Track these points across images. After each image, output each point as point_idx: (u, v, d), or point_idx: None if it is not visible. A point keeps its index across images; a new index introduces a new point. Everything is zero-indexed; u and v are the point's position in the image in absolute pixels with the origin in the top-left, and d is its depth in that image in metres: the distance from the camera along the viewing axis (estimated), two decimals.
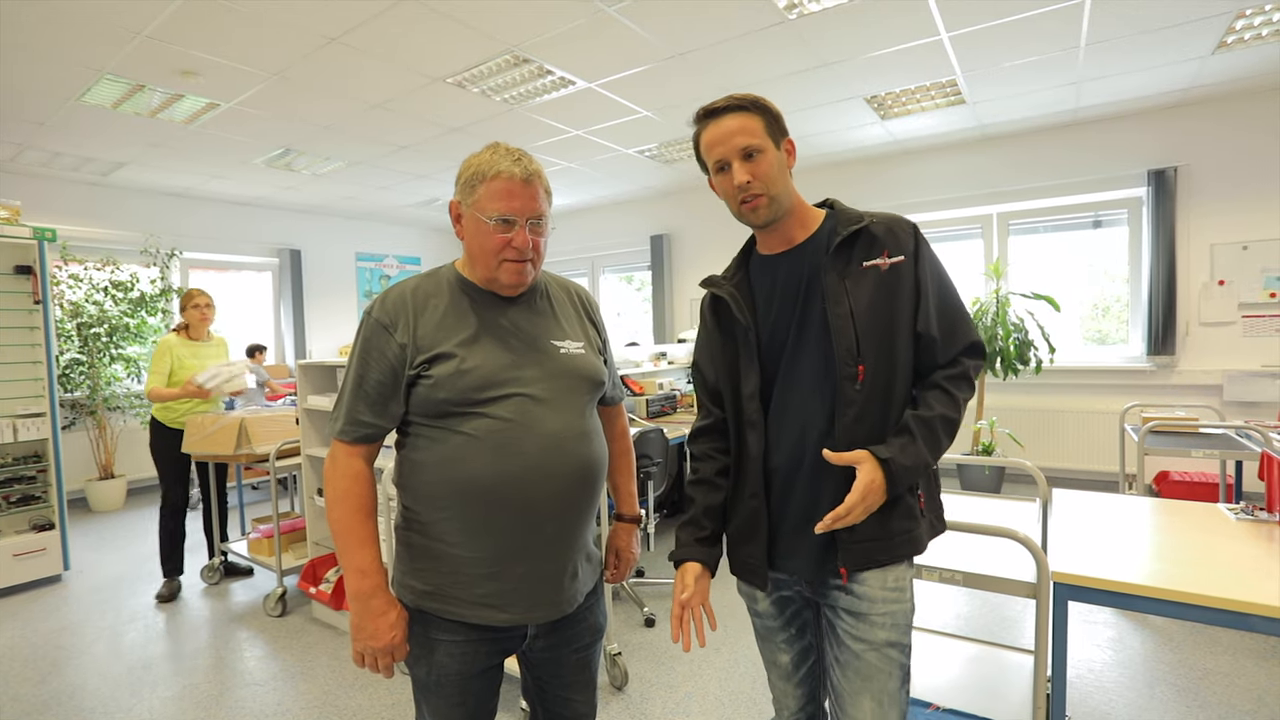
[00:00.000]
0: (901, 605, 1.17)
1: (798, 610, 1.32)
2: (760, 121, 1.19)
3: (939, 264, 1.23)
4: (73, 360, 5.14)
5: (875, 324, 1.16)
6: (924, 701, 1.84)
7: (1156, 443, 3.03)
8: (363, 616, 1.11)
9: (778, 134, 1.20)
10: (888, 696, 1.16)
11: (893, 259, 1.18)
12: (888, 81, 4.10)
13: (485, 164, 1.12)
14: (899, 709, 1.18)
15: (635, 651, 2.73)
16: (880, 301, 1.16)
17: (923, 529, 1.19)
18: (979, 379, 4.88)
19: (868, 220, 1.20)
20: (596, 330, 1.34)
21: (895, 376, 1.17)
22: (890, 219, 1.22)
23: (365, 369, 1.13)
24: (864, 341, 1.16)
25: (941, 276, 1.22)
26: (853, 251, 1.19)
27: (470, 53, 3.49)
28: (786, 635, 1.33)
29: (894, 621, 1.17)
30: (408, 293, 1.16)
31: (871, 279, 1.17)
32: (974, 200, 5.45)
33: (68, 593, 3.60)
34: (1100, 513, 1.83)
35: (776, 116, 1.21)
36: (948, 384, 1.17)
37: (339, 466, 1.14)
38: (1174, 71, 4.03)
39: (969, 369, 1.19)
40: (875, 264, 1.18)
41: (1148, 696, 2.29)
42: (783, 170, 1.21)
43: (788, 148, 1.22)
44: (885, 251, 1.18)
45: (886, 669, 1.16)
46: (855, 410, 1.15)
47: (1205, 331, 4.67)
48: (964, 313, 1.22)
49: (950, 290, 1.22)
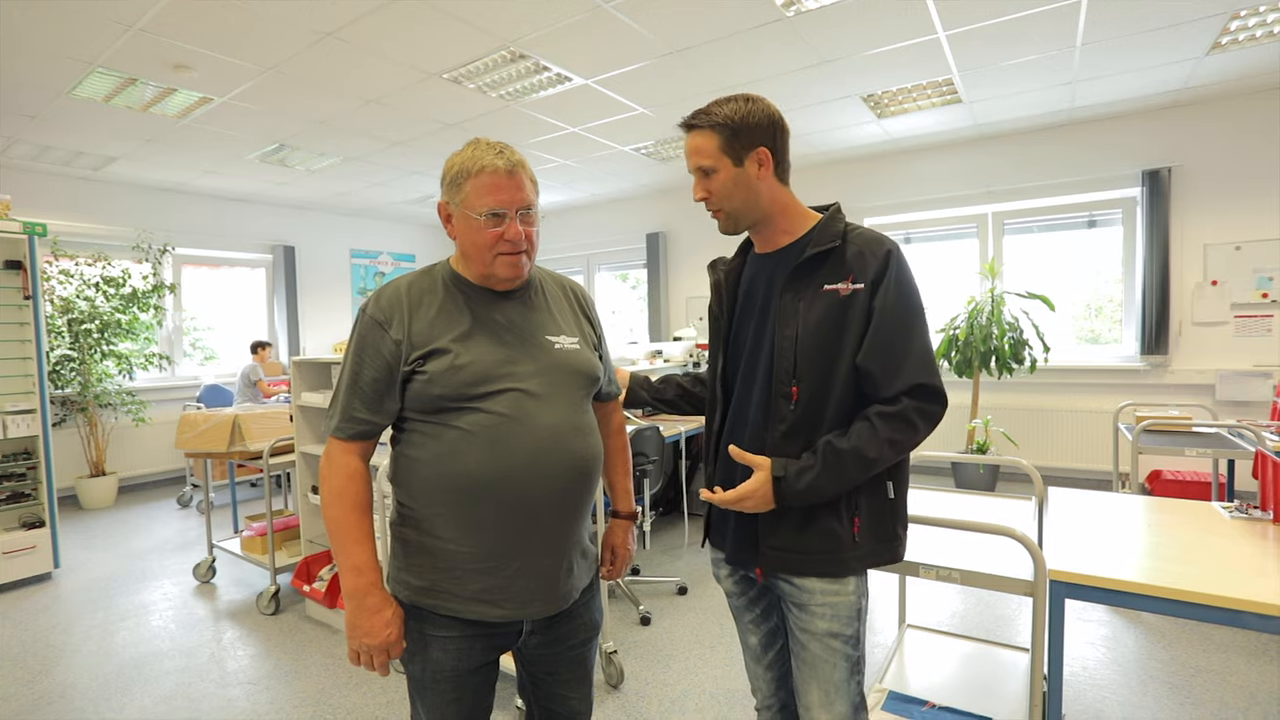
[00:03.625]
0: (842, 598, 1.21)
1: (761, 592, 1.36)
2: (716, 140, 1.21)
3: (906, 297, 1.18)
4: (63, 356, 5.10)
5: (818, 349, 1.18)
6: (920, 699, 1.84)
7: (1150, 441, 3.04)
8: (358, 614, 1.10)
9: (740, 150, 1.21)
10: (833, 686, 1.21)
11: (854, 286, 1.18)
12: (884, 80, 4.10)
13: (468, 160, 1.12)
14: (847, 699, 1.22)
15: (631, 649, 2.72)
16: (828, 327, 1.18)
17: (850, 554, 1.20)
18: (974, 377, 4.89)
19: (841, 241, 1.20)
20: (592, 326, 1.33)
21: (829, 402, 1.19)
22: (868, 241, 1.21)
23: (360, 366, 1.13)
24: (802, 364, 1.19)
25: (900, 309, 1.17)
26: (818, 272, 1.21)
27: (466, 48, 3.47)
28: (753, 615, 1.39)
29: (834, 613, 1.21)
30: (402, 289, 1.16)
31: (825, 302, 1.19)
32: (969, 199, 5.46)
33: (58, 591, 3.57)
34: (1095, 511, 1.83)
35: (741, 130, 1.20)
36: (877, 420, 1.15)
37: (335, 464, 1.14)
38: (1168, 72, 4.05)
39: (908, 410, 1.14)
40: (835, 289, 1.19)
41: (1141, 694, 2.31)
42: (743, 185, 1.23)
43: (760, 158, 1.22)
44: (850, 276, 1.18)
45: (830, 659, 1.21)
46: (786, 427, 1.20)
47: (1198, 331, 4.69)
48: (916, 352, 1.16)
49: (905, 325, 1.17)
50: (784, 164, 1.27)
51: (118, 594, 3.50)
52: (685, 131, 1.26)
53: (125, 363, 5.44)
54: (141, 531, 4.66)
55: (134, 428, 5.73)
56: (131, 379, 5.64)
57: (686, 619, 2.98)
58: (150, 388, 5.98)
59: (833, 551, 1.20)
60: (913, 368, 1.16)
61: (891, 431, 1.14)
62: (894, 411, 1.15)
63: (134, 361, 5.51)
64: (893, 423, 1.15)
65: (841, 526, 1.20)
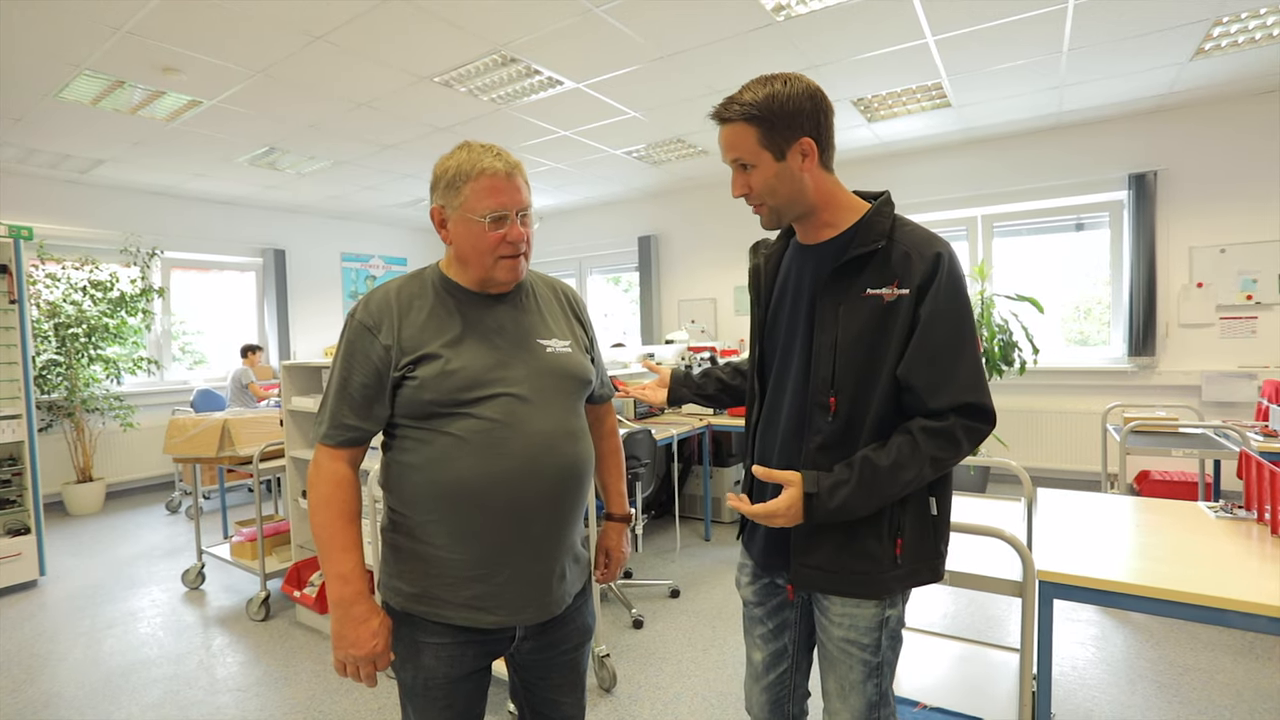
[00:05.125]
0: (861, 611, 1.16)
1: (780, 604, 1.32)
2: (753, 134, 1.12)
3: (955, 305, 1.08)
4: (49, 361, 5.05)
5: (858, 359, 1.11)
6: (911, 700, 1.85)
7: (1138, 442, 3.07)
8: (344, 624, 1.09)
9: (781, 142, 1.11)
10: (848, 684, 1.20)
11: (899, 291, 1.08)
12: (874, 84, 4.12)
13: (466, 163, 1.11)
14: (863, 698, 1.19)
15: (624, 653, 2.72)
16: (870, 336, 1.10)
17: (890, 575, 1.13)
18: None
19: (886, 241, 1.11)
20: (584, 328, 1.33)
21: (868, 416, 1.11)
22: (916, 242, 1.11)
23: (349, 372, 1.12)
24: (842, 375, 1.12)
25: (949, 319, 1.07)
26: (861, 274, 1.11)
27: (457, 52, 3.46)
28: (764, 630, 1.35)
29: (851, 624, 1.17)
30: (391, 294, 1.15)
31: (868, 309, 1.10)
32: (959, 202, 5.51)
33: (44, 599, 3.53)
34: (1084, 512, 1.85)
35: (780, 120, 1.10)
36: (920, 435, 1.07)
37: (323, 471, 1.13)
38: (1154, 77, 4.10)
39: (955, 427, 1.06)
40: (879, 294, 1.09)
41: (1129, 693, 2.32)
42: (786, 179, 1.13)
43: (804, 149, 1.12)
44: (895, 281, 1.09)
45: (846, 661, 1.20)
46: (821, 439, 1.14)
47: (1184, 333, 4.75)
48: (966, 366, 1.07)
49: (955, 337, 1.08)
50: (829, 150, 1.16)
51: (105, 601, 3.46)
52: (718, 124, 1.15)
53: (113, 367, 5.39)
54: (129, 538, 4.61)
55: (122, 433, 5.67)
56: (119, 384, 5.59)
57: (679, 622, 2.98)
58: (138, 392, 5.93)
59: (870, 573, 1.13)
60: (963, 384, 1.07)
61: (935, 449, 1.06)
62: (940, 428, 1.07)
63: (122, 366, 5.46)
64: (938, 440, 1.06)
65: (882, 547, 1.13)
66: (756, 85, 1.13)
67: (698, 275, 7.00)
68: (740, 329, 6.64)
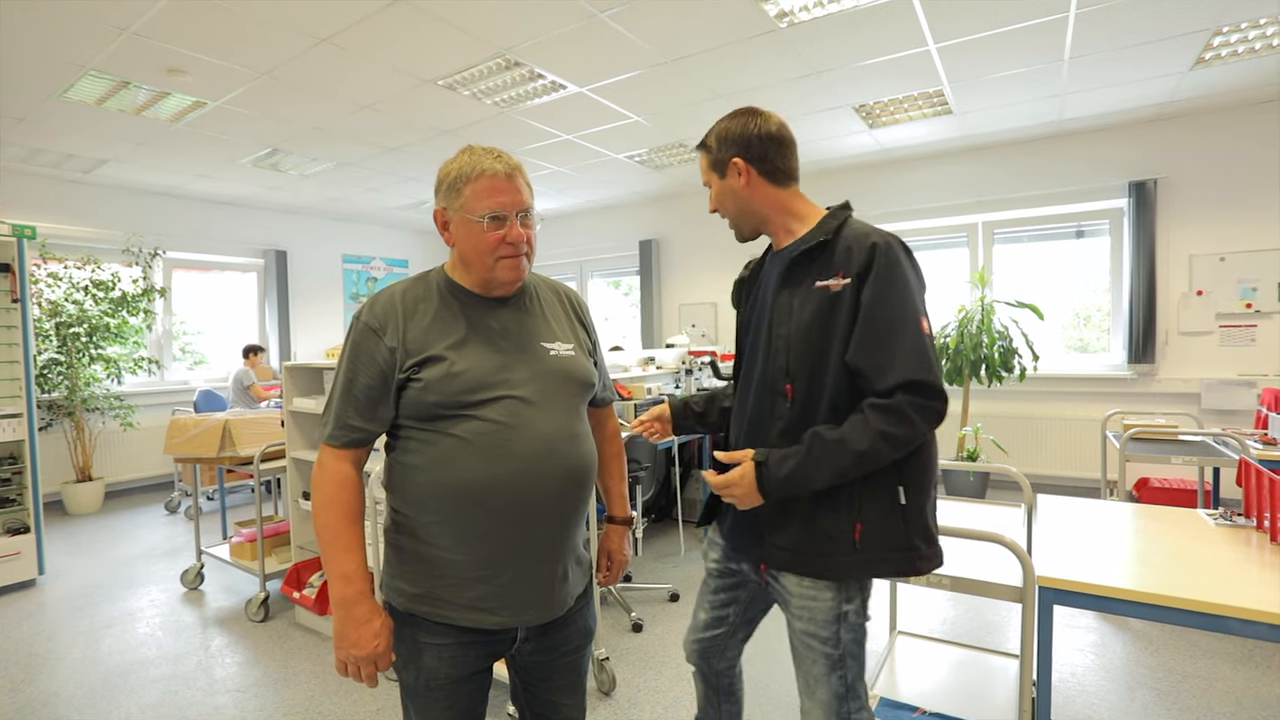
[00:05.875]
0: (818, 604, 1.23)
1: (738, 583, 1.44)
2: (705, 158, 1.35)
3: (893, 289, 1.15)
4: (50, 360, 5.05)
5: (810, 347, 1.20)
6: (911, 706, 1.85)
7: (1137, 449, 3.08)
8: (346, 624, 1.09)
9: (720, 163, 1.31)
10: (813, 678, 1.26)
11: (844, 280, 1.17)
12: (876, 91, 4.14)
13: (466, 165, 1.13)
14: (828, 691, 1.25)
15: (623, 656, 2.72)
16: (820, 325, 1.19)
17: (848, 559, 1.19)
18: (964, 385, 4.93)
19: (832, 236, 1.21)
20: (586, 332, 1.33)
21: (822, 399, 1.19)
22: (857, 235, 1.20)
23: (354, 373, 1.13)
24: (796, 363, 1.21)
25: (890, 304, 1.15)
26: (811, 269, 1.22)
27: (461, 55, 3.48)
28: (714, 598, 1.48)
29: (810, 616, 1.24)
30: (397, 296, 1.16)
31: (817, 299, 1.19)
32: (960, 209, 5.53)
33: (43, 598, 3.52)
34: (1084, 518, 1.85)
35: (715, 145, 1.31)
36: (870, 411, 1.13)
37: (327, 471, 1.14)
38: (1154, 86, 4.12)
39: (903, 405, 1.11)
40: (826, 285, 1.19)
41: (1129, 700, 2.32)
42: (729, 194, 1.32)
43: (739, 169, 1.29)
44: (840, 272, 1.18)
45: (809, 655, 1.26)
46: (782, 424, 1.23)
47: (1184, 341, 4.76)
48: (906, 348, 1.13)
49: (894, 321, 1.14)
50: (773, 170, 1.29)
51: (104, 601, 3.46)
52: None
53: (113, 367, 5.39)
54: (128, 538, 4.61)
55: (122, 432, 5.67)
56: (120, 383, 5.59)
57: (678, 626, 2.98)
58: (138, 392, 5.93)
59: (828, 555, 1.19)
60: (907, 363, 1.12)
61: (883, 424, 1.11)
62: (889, 404, 1.12)
63: (122, 366, 5.47)
64: (885, 415, 1.12)
65: (840, 530, 1.18)
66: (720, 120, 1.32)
67: (698, 279, 7.01)
68: None
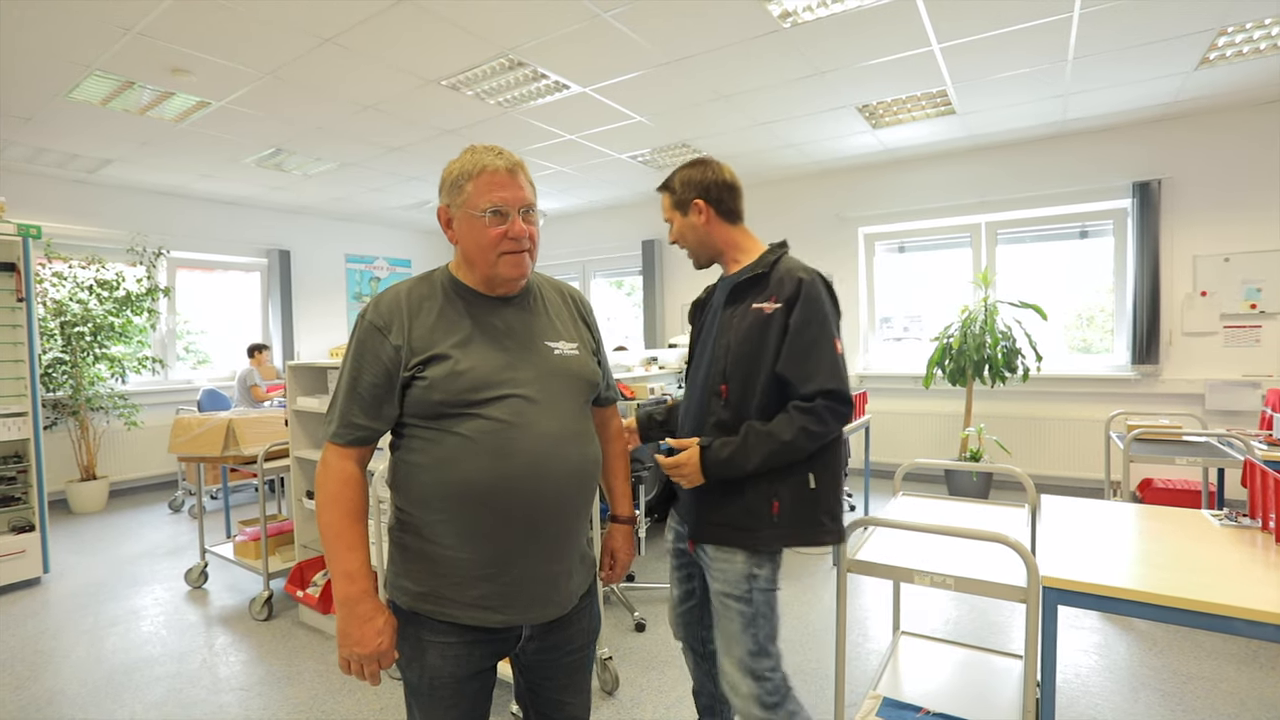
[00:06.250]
0: (732, 566, 1.47)
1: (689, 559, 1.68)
2: (668, 198, 1.62)
3: (814, 316, 1.43)
4: (55, 359, 5.07)
5: (744, 356, 1.47)
6: (914, 706, 1.85)
7: (1141, 450, 3.07)
8: (349, 622, 1.09)
9: (683, 203, 1.58)
10: (729, 635, 1.48)
11: (776, 305, 1.45)
12: (879, 91, 4.14)
13: (468, 163, 1.14)
14: (742, 647, 1.46)
15: (626, 656, 2.72)
16: (753, 338, 1.46)
17: (768, 532, 1.45)
18: (967, 386, 4.93)
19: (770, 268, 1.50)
20: (590, 332, 1.34)
21: (752, 400, 1.46)
22: (790, 269, 1.48)
23: (359, 372, 1.13)
24: (732, 369, 1.48)
25: (811, 327, 1.42)
26: (750, 291, 1.51)
27: (465, 55, 3.49)
28: (679, 574, 1.73)
29: (725, 578, 1.48)
30: (402, 295, 1.16)
31: (753, 318, 1.47)
32: (963, 209, 5.52)
33: (48, 596, 3.54)
34: (1088, 519, 1.85)
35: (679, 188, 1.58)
36: (794, 411, 1.41)
37: (331, 469, 1.14)
38: (1158, 86, 4.11)
39: (819, 407, 1.39)
40: (761, 307, 1.47)
41: (1133, 701, 2.32)
42: (689, 229, 1.60)
43: (699, 208, 1.57)
44: (773, 297, 1.46)
45: (725, 613, 1.48)
46: (716, 419, 1.50)
47: (1188, 341, 4.74)
48: (825, 363, 1.41)
49: (815, 341, 1.42)
50: (726, 210, 1.58)
51: (108, 599, 3.47)
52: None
53: (118, 366, 5.41)
54: (132, 536, 4.62)
55: (126, 431, 5.69)
56: (124, 382, 5.61)
57: None
58: (142, 391, 5.94)
59: (751, 528, 1.45)
60: (823, 376, 1.41)
61: (805, 422, 1.39)
62: (809, 407, 1.40)
63: (126, 365, 5.48)
64: (806, 415, 1.40)
65: (761, 507, 1.44)
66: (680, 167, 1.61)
67: (700, 279, 6.94)
68: None
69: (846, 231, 6.08)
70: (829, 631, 2.90)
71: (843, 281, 6.10)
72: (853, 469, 5.53)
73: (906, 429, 5.73)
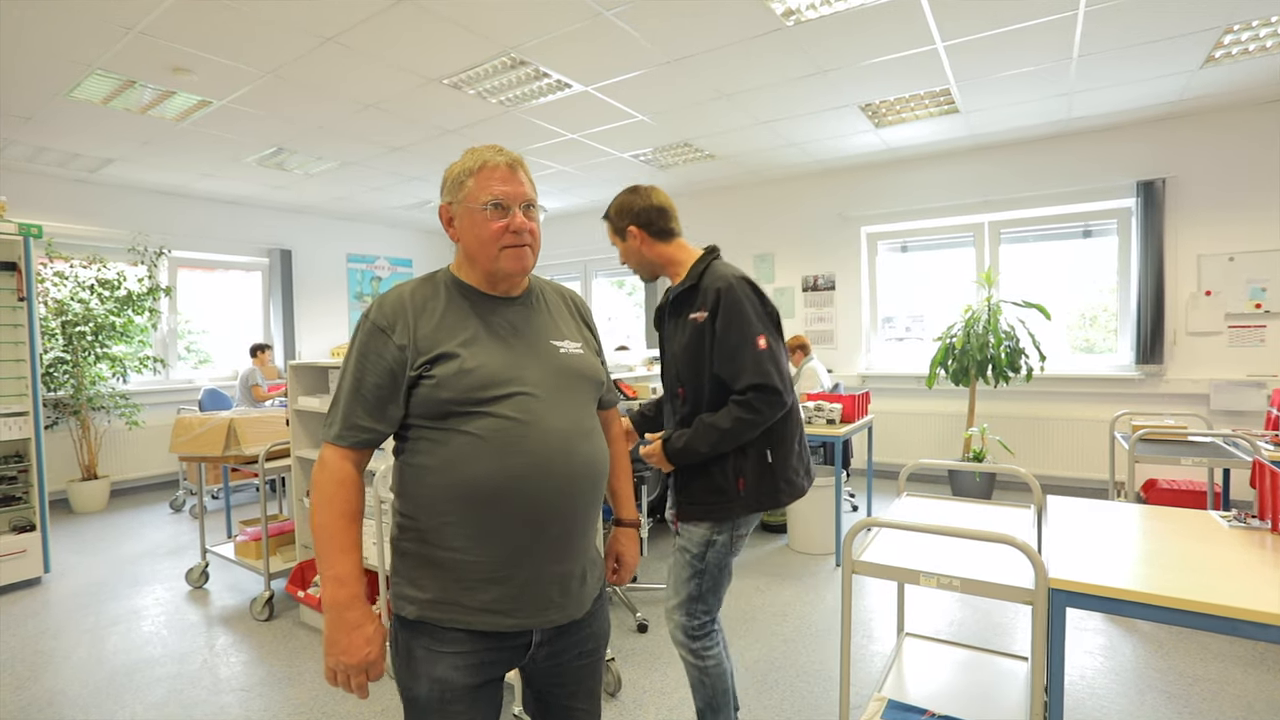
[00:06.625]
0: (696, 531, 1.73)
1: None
2: (608, 227, 1.84)
3: (736, 320, 1.64)
4: (56, 359, 5.06)
5: (690, 361, 1.70)
6: (920, 708, 1.83)
7: (1147, 450, 3.05)
8: (336, 629, 1.06)
9: (620, 230, 1.80)
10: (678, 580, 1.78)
11: (704, 314, 1.66)
12: (882, 89, 4.12)
13: (469, 160, 1.15)
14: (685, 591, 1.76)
15: (628, 657, 2.71)
16: (693, 347, 1.69)
17: (736, 503, 1.69)
18: (970, 385, 4.92)
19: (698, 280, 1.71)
20: (592, 334, 1.34)
21: (703, 399, 1.70)
22: (712, 279, 1.68)
23: (363, 373, 1.11)
24: (683, 372, 1.72)
25: (732, 332, 1.63)
26: (686, 305, 1.73)
27: (467, 54, 3.47)
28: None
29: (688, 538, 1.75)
30: (405, 296, 1.15)
31: (690, 328, 1.69)
32: (966, 209, 5.50)
33: (48, 596, 3.53)
34: (1094, 519, 1.83)
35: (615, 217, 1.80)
36: (732, 405, 1.64)
37: (328, 470, 1.11)
38: (1163, 84, 4.09)
39: (751, 399, 1.62)
40: (695, 317, 1.69)
41: (1139, 704, 2.30)
42: (631, 252, 1.82)
43: (633, 233, 1.79)
44: (702, 307, 1.67)
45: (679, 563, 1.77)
46: (679, 417, 1.76)
47: (1192, 341, 4.72)
48: (747, 360, 1.62)
49: (738, 344, 1.63)
50: (659, 231, 1.78)
51: (109, 599, 3.47)
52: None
53: (119, 366, 5.40)
54: (133, 536, 4.61)
55: (127, 431, 5.69)
56: (125, 382, 5.60)
57: None
58: (144, 391, 5.94)
59: (719, 503, 1.69)
60: (750, 373, 1.62)
61: (739, 412, 1.63)
62: (742, 399, 1.63)
63: (128, 364, 5.48)
64: (741, 406, 1.63)
65: (728, 484, 1.69)
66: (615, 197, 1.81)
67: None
68: None
69: (849, 231, 6.06)
70: (831, 633, 2.89)
71: (845, 281, 6.08)
72: (855, 469, 5.52)
73: (909, 429, 5.71)
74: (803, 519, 3.99)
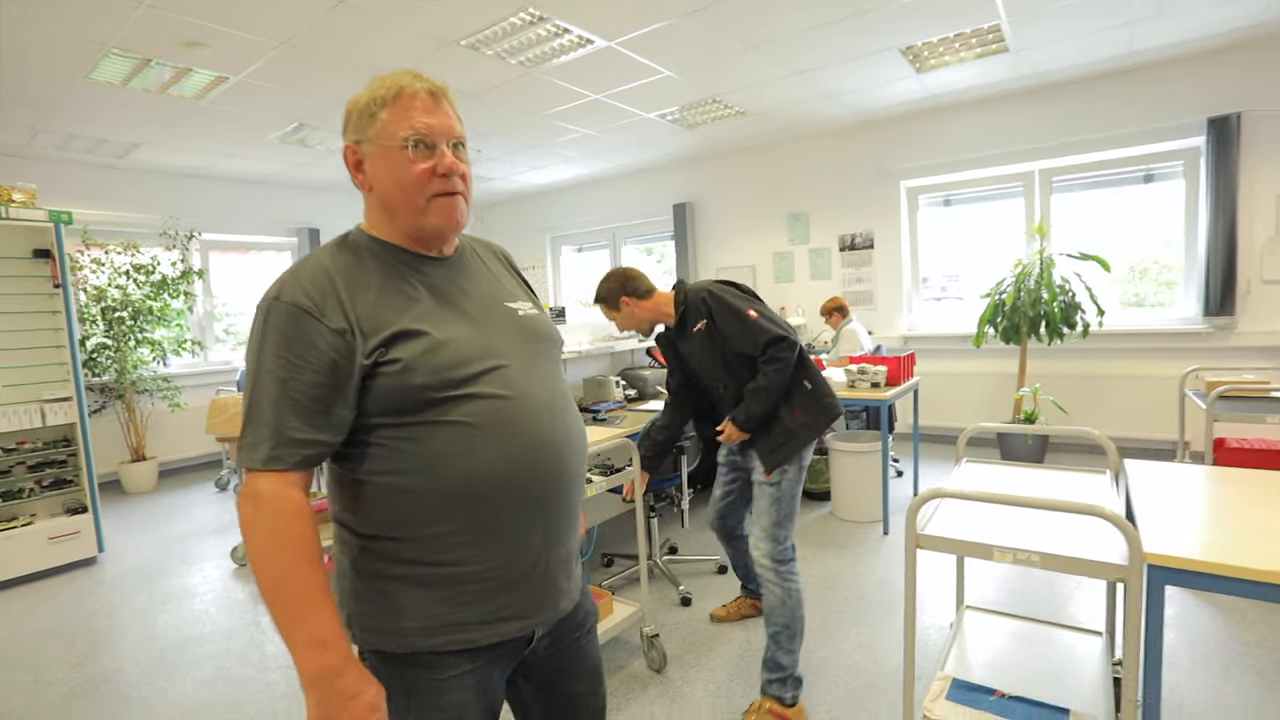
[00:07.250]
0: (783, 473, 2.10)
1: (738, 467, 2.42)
2: (603, 308, 2.28)
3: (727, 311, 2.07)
4: (99, 345, 5.15)
5: (714, 360, 2.14)
6: (988, 688, 1.72)
7: (1225, 408, 2.83)
8: (330, 705, 0.84)
9: (614, 303, 2.23)
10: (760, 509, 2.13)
11: (704, 322, 2.12)
12: (925, 30, 3.83)
13: (379, 88, 0.94)
14: (769, 518, 2.10)
15: (673, 631, 2.64)
16: (709, 349, 2.14)
17: (802, 431, 2.08)
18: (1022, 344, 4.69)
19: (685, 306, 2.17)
20: (529, 289, 1.19)
21: (738, 382, 2.12)
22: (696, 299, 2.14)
23: (290, 371, 0.86)
24: (715, 371, 2.16)
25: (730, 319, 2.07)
26: (686, 326, 2.17)
27: (485, 12, 3.31)
28: (726, 477, 2.45)
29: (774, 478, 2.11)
30: (326, 266, 0.92)
31: (699, 338, 2.14)
32: (1014, 156, 5.16)
33: (103, 575, 3.62)
34: (1176, 484, 1.67)
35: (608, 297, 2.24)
36: (761, 366, 2.05)
37: (266, 505, 0.85)
38: (1237, 8, 3.71)
39: (770, 354, 2.03)
40: (699, 329, 2.13)
41: (1223, 679, 2.15)
42: (627, 317, 2.25)
43: (625, 302, 2.22)
44: (700, 320, 2.12)
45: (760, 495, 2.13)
46: (730, 400, 2.17)
47: (1269, 289, 4.38)
48: (752, 330, 2.04)
49: (736, 325, 2.06)
50: (641, 293, 2.22)
51: (159, 578, 3.54)
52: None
53: (159, 349, 5.49)
54: (181, 515, 4.72)
55: (170, 413, 5.81)
56: (166, 365, 5.70)
57: (727, 598, 2.88)
58: (184, 373, 6.05)
59: (790, 439, 2.07)
60: (761, 336, 2.03)
61: (769, 367, 2.03)
62: (765, 357, 2.04)
63: (167, 348, 5.56)
64: (767, 364, 2.04)
65: (791, 420, 2.08)
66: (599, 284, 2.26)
67: (735, 242, 6.78)
68: (782, 296, 6.44)
69: (888, 186, 5.76)
70: (883, 605, 2.78)
71: (885, 239, 5.82)
72: (900, 434, 5.33)
73: (955, 391, 5.49)
74: (847, 486, 3.85)
